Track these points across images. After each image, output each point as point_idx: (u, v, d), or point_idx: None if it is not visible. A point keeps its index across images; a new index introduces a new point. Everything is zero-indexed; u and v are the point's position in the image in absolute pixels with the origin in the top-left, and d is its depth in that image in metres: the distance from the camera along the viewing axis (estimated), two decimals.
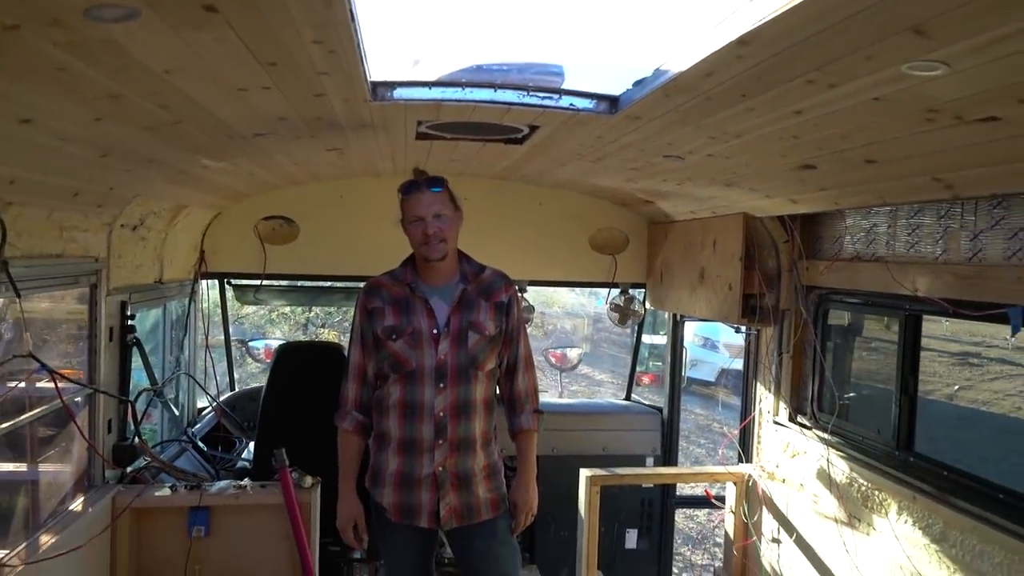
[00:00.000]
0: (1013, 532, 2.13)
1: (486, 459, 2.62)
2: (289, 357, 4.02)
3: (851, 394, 3.09)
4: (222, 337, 5.37)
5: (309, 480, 3.14)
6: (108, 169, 2.44)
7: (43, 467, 2.78)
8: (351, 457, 2.67)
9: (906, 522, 2.54)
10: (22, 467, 2.64)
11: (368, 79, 1.97)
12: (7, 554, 2.32)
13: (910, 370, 2.67)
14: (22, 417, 2.52)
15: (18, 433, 2.54)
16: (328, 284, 4.94)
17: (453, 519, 2.56)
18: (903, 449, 2.66)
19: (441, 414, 2.52)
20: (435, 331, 2.54)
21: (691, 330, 13.00)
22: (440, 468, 2.53)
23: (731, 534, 3.66)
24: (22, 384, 2.52)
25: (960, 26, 1.20)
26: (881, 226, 2.78)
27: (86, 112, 1.80)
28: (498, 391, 2.73)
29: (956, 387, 2.85)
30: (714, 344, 13.07)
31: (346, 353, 2.83)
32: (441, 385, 2.53)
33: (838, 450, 2.99)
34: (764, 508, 3.41)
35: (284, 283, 4.97)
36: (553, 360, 8.38)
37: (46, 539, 2.49)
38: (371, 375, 2.64)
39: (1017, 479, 2.21)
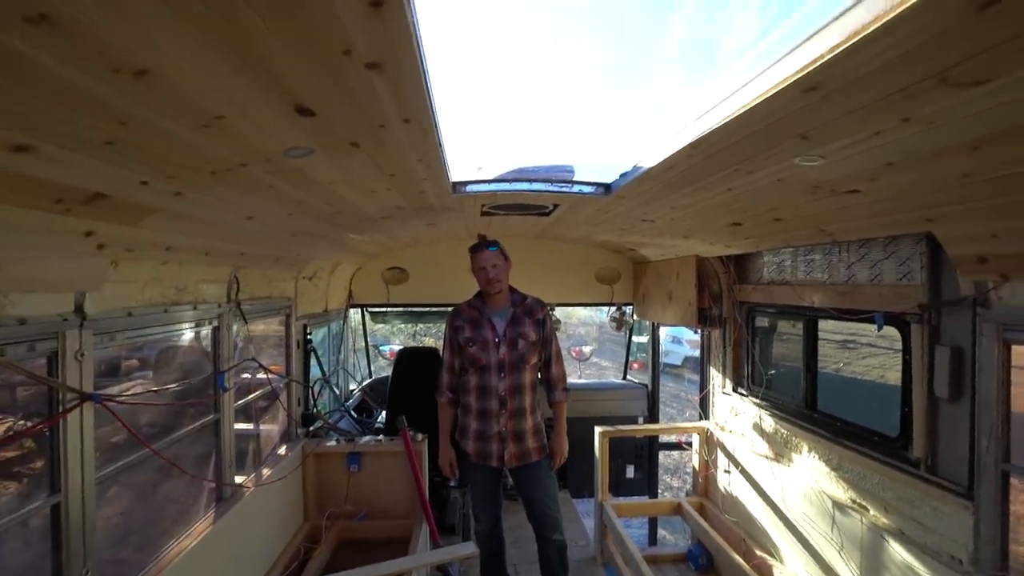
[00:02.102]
0: (883, 461, 2.03)
1: (533, 422, 2.59)
2: (405, 357, 4.03)
3: (772, 372, 2.99)
4: (362, 344, 5.52)
5: (420, 436, 3.13)
6: (295, 244, 2.51)
7: (262, 427, 2.85)
8: (447, 420, 2.68)
9: (814, 457, 2.43)
10: (251, 427, 2.71)
11: (449, 180, 1.99)
12: (245, 479, 2.41)
13: (811, 355, 2.58)
14: (250, 396, 2.59)
15: (249, 406, 2.61)
16: (427, 309, 4.99)
17: (513, 460, 2.55)
18: (810, 408, 2.56)
19: (503, 393, 2.52)
20: (496, 339, 2.54)
21: (665, 331, 12.77)
22: (503, 428, 2.52)
23: (697, 468, 3.54)
24: (249, 376, 2.64)
25: (831, 133, 1.21)
26: (787, 261, 2.70)
27: (283, 211, 1.85)
28: (540, 377, 2.70)
29: (840, 364, 2.73)
30: (680, 340, 12.71)
31: (441, 354, 2.83)
32: (502, 374, 2.52)
33: (766, 410, 2.88)
34: (718, 450, 3.31)
35: (400, 309, 5.03)
36: (574, 354, 8.30)
37: (266, 471, 2.57)
38: (457, 368, 2.64)
39: (883, 424, 2.11)
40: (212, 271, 2.10)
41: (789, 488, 2.59)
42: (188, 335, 2.13)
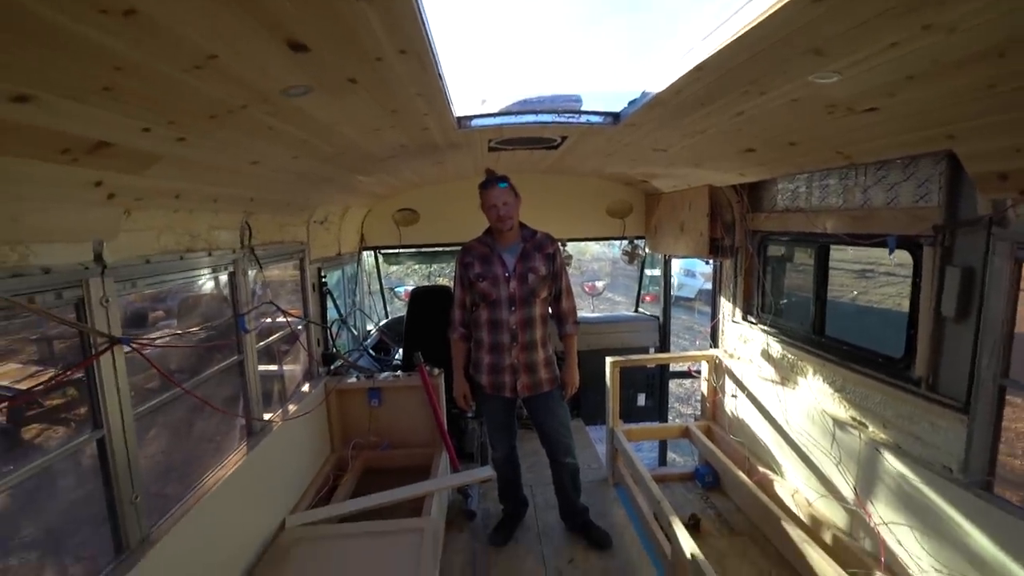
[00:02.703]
0: (887, 382, 2.09)
1: (544, 354, 2.63)
2: (419, 296, 4.08)
3: (784, 300, 3.03)
4: (378, 287, 5.61)
5: (436, 371, 3.23)
6: (303, 187, 2.50)
7: (286, 367, 2.94)
8: (460, 355, 2.72)
9: (818, 379, 2.50)
10: (274, 367, 2.81)
11: (454, 115, 1.95)
12: (273, 415, 2.54)
13: (821, 283, 2.58)
14: (271, 338, 2.68)
15: (271, 348, 2.70)
16: (439, 249, 5.00)
17: (525, 391, 2.61)
18: (818, 334, 2.59)
19: (514, 326, 2.54)
20: (506, 274, 2.55)
21: (679, 265, 12.72)
22: (515, 360, 2.56)
23: (706, 394, 3.66)
24: (269, 320, 2.73)
25: (845, 46, 1.16)
26: (802, 187, 2.64)
27: (287, 153, 1.84)
28: (551, 311, 2.72)
29: (856, 293, 2.73)
30: (693, 273, 12.68)
31: (452, 292, 2.87)
32: (512, 308, 2.53)
33: (774, 337, 2.92)
34: (727, 376, 3.40)
35: (412, 250, 5.04)
36: (587, 290, 8.33)
37: (291, 407, 2.69)
38: (468, 304, 2.66)
39: (888, 346, 2.15)
40: (223, 218, 2.13)
41: (792, 409, 2.69)
42: (207, 282, 2.20)
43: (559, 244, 2.78)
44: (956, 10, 0.95)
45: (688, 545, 2.13)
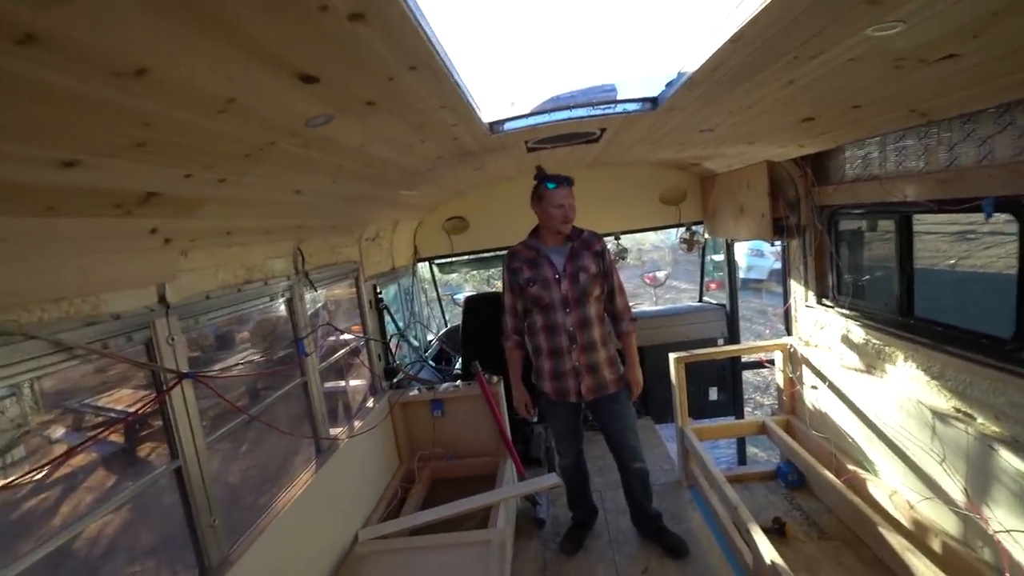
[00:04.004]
0: (995, 366, 1.82)
1: (607, 353, 2.55)
2: (472, 304, 4.09)
3: (862, 279, 2.74)
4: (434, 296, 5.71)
5: (495, 378, 3.23)
6: (349, 208, 2.56)
7: (351, 383, 3.05)
8: (516, 363, 2.68)
9: (911, 366, 2.23)
10: (341, 383, 2.90)
11: (483, 121, 1.91)
12: (339, 432, 2.62)
13: (906, 256, 2.31)
14: (333, 357, 2.77)
15: (336, 365, 2.79)
16: (492, 253, 5.02)
17: (590, 393, 2.54)
18: (905, 315, 2.32)
19: (571, 328, 2.48)
20: (556, 276, 2.49)
21: (746, 245, 12.02)
22: (577, 363, 2.50)
23: (782, 386, 3.40)
24: (332, 339, 2.83)
25: None
26: (874, 152, 2.37)
27: (326, 178, 1.88)
28: (605, 310, 2.63)
29: (955, 259, 2.40)
30: (762, 253, 11.94)
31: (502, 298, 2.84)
32: (567, 310, 2.48)
33: (855, 320, 2.65)
34: (803, 366, 3.15)
35: (466, 257, 5.08)
36: (647, 281, 8.09)
37: (357, 423, 2.77)
38: (520, 310, 2.62)
39: (994, 325, 1.88)
40: (275, 247, 2.22)
41: (882, 401, 2.42)
42: (270, 309, 2.31)
43: (605, 241, 2.69)
44: None
45: (768, 552, 1.97)
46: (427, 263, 4.90)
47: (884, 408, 2.41)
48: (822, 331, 3.00)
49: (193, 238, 1.62)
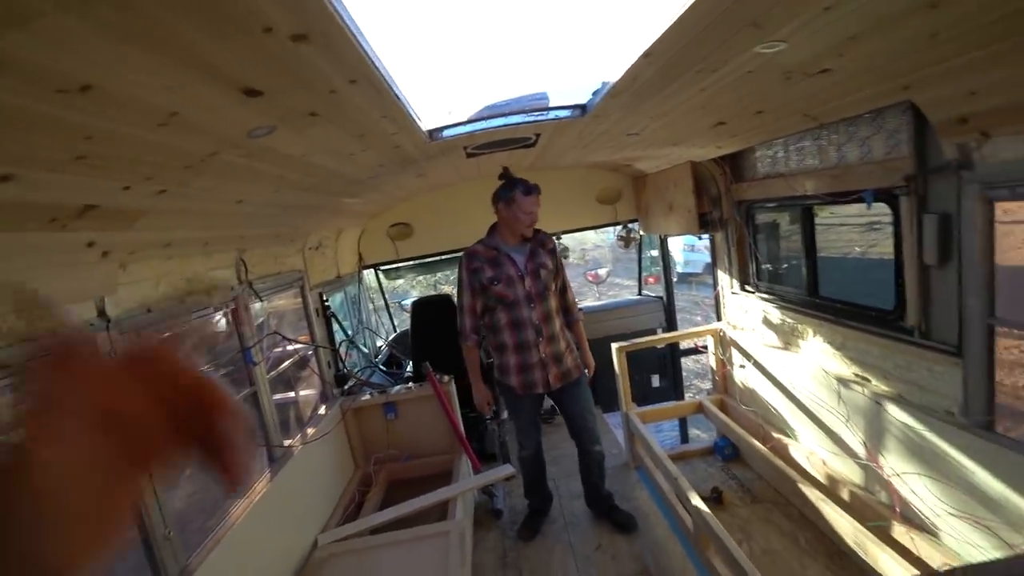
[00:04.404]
0: (882, 335, 2.10)
1: (566, 343, 2.71)
2: (420, 307, 4.14)
3: (776, 266, 3.02)
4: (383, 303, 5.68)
5: (446, 377, 3.29)
6: (291, 218, 2.54)
7: (301, 393, 3.01)
8: (475, 362, 2.75)
9: (819, 340, 2.51)
10: (291, 394, 2.88)
11: (422, 130, 1.97)
12: (292, 441, 2.61)
13: (810, 243, 2.58)
14: (281, 366, 2.75)
15: (285, 375, 2.77)
16: (437, 258, 5.07)
17: (557, 382, 2.67)
18: (812, 295, 2.60)
19: (537, 322, 2.61)
20: (520, 274, 2.61)
21: (682, 242, 12.62)
22: (544, 354, 2.62)
23: (715, 367, 3.67)
24: (279, 349, 2.80)
25: (781, 16, 1.17)
26: (779, 152, 2.64)
27: (268, 188, 1.88)
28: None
29: (865, 247, 2.72)
30: (694, 247, 12.63)
31: (455, 300, 2.87)
32: (532, 305, 2.60)
33: (772, 303, 2.93)
34: (733, 348, 3.42)
35: (411, 262, 5.09)
36: (589, 278, 8.34)
37: (310, 431, 2.76)
38: (479, 310, 2.68)
39: (880, 300, 2.16)
40: (217, 258, 2.19)
41: (798, 373, 2.70)
42: (216, 321, 2.27)
43: (556, 240, 2.84)
44: None
45: (708, 516, 2.16)
46: (373, 270, 4.88)
47: (799, 379, 2.68)
48: (746, 315, 3.27)
49: (132, 251, 1.60)
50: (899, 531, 1.98)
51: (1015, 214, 1.60)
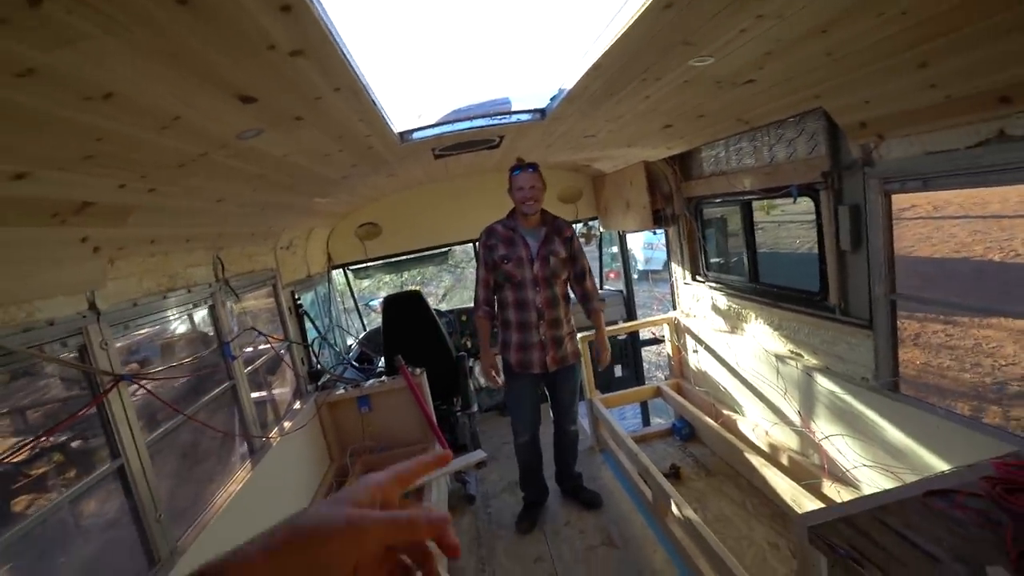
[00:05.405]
0: (810, 314, 2.37)
1: (568, 329, 2.76)
2: (391, 303, 4.13)
3: (723, 258, 3.31)
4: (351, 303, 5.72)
5: (418, 370, 3.37)
6: (266, 217, 2.63)
7: (277, 389, 3.06)
8: (485, 331, 2.82)
9: (760, 322, 2.78)
10: (266, 392, 2.92)
11: (395, 132, 2.10)
12: (270, 435, 2.66)
13: (750, 235, 2.84)
14: (258, 362, 2.81)
15: (260, 373, 2.82)
16: (404, 257, 5.11)
17: (553, 364, 2.73)
18: (753, 282, 2.87)
19: (540, 305, 2.66)
20: (530, 257, 2.66)
21: (642, 239, 13.03)
22: (544, 337, 2.69)
23: (671, 354, 3.94)
24: (251, 348, 2.86)
25: (706, 36, 1.38)
26: (721, 152, 2.90)
27: (247, 188, 1.99)
28: (573, 291, 2.87)
29: (812, 243, 3.04)
30: (653, 246, 13.08)
31: (475, 274, 2.92)
32: (538, 288, 2.65)
33: (719, 291, 3.21)
34: (686, 335, 3.69)
35: (380, 262, 5.15)
36: None
37: (287, 424, 2.83)
38: (492, 284, 2.76)
39: (807, 283, 2.43)
40: (196, 256, 2.27)
41: (742, 353, 2.97)
42: (195, 316, 2.34)
43: (575, 228, 2.93)
44: (776, 1, 1.19)
45: (667, 487, 2.39)
46: (342, 269, 4.94)
47: (744, 359, 2.95)
48: (698, 303, 3.54)
49: (120, 246, 1.69)
50: (828, 486, 2.25)
51: (919, 210, 1.89)
